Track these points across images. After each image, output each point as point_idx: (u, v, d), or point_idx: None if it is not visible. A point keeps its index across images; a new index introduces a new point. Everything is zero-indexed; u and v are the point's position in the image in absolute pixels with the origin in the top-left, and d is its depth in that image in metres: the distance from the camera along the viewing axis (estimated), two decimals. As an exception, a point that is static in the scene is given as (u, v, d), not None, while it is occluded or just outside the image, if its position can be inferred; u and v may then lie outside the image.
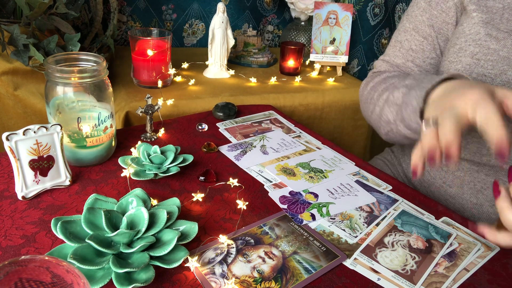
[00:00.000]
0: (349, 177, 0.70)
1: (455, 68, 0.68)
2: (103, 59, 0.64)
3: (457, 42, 0.69)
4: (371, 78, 0.83)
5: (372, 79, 0.82)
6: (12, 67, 0.86)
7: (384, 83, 0.76)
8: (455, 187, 0.74)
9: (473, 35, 0.67)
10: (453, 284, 0.50)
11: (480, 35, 0.66)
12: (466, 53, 0.67)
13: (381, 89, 0.75)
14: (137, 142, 0.71)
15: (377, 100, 0.75)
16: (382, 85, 0.76)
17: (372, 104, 0.77)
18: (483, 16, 0.66)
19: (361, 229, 0.58)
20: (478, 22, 0.66)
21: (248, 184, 0.66)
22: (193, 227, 0.53)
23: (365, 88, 0.82)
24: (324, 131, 1.16)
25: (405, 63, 0.80)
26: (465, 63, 0.67)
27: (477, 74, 0.65)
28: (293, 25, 1.40)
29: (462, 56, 0.67)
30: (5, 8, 0.91)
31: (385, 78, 0.78)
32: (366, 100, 0.81)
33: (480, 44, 0.65)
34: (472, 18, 0.68)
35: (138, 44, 0.99)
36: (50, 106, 0.63)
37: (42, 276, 0.34)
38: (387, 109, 0.71)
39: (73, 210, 0.57)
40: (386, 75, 0.79)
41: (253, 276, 0.49)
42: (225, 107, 0.88)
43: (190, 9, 1.37)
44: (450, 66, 0.69)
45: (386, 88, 0.74)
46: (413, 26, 0.78)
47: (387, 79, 0.76)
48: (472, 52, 0.66)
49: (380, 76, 0.80)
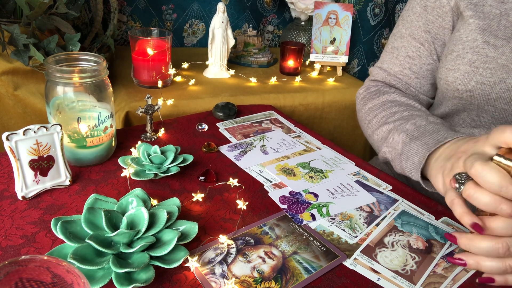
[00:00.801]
0: (349, 177, 0.70)
1: (453, 76, 0.68)
2: (103, 59, 0.64)
3: (454, 49, 0.68)
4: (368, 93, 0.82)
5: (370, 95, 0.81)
6: (12, 67, 0.86)
7: (383, 109, 0.75)
8: None
9: (470, 42, 0.66)
10: (453, 284, 0.50)
11: (477, 42, 0.65)
12: (464, 61, 0.66)
13: (381, 116, 0.75)
14: (137, 142, 0.71)
15: (376, 130, 0.74)
16: (382, 112, 0.75)
17: (370, 129, 0.77)
18: (480, 22, 0.66)
19: (361, 229, 0.58)
20: (475, 28, 0.66)
21: (248, 184, 0.66)
22: (193, 227, 0.53)
23: (363, 105, 0.81)
24: (324, 131, 1.16)
25: (402, 71, 0.80)
26: (463, 71, 0.66)
27: (476, 82, 0.65)
28: (293, 25, 1.40)
29: (460, 64, 0.67)
30: (5, 8, 0.91)
31: (384, 102, 0.77)
32: (363, 120, 0.80)
33: (478, 52, 0.64)
34: (469, 24, 0.67)
35: (138, 44, 0.99)
36: (50, 106, 0.63)
37: (42, 276, 0.34)
38: (386, 148, 0.70)
39: (73, 210, 0.57)
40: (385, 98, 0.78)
41: (253, 276, 0.49)
42: (225, 107, 0.88)
43: (190, 9, 1.37)
44: (448, 74, 0.69)
45: (385, 120, 0.73)
46: (410, 32, 0.78)
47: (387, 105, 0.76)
48: (470, 59, 0.65)
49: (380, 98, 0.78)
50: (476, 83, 0.65)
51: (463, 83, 0.66)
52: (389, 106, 0.75)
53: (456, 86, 0.68)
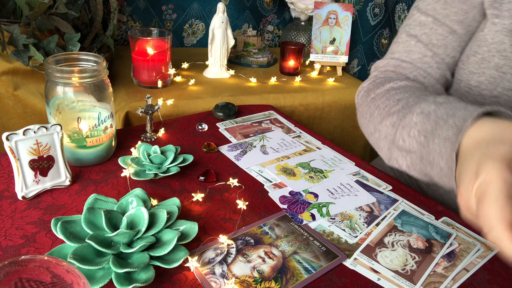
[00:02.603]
0: (349, 177, 0.70)
1: (477, 80, 0.63)
2: (103, 59, 0.64)
3: (479, 51, 0.63)
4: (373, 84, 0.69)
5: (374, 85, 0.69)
6: (12, 67, 0.86)
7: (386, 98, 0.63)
8: None
9: (497, 44, 0.61)
10: (453, 284, 0.50)
11: (505, 45, 0.60)
12: (490, 65, 0.61)
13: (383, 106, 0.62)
14: (137, 142, 0.71)
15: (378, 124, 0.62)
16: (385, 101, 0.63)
17: (371, 124, 0.64)
18: (505, 22, 0.60)
19: (361, 229, 0.58)
20: (501, 29, 0.60)
21: (248, 184, 0.66)
22: (193, 227, 0.53)
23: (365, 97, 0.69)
24: (324, 131, 1.16)
25: (422, 58, 0.68)
26: (489, 75, 0.61)
27: (503, 89, 0.60)
28: (293, 25, 1.40)
29: (485, 68, 0.62)
30: (5, 8, 0.91)
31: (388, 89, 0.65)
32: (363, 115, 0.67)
33: (506, 56, 0.59)
34: (494, 24, 0.61)
35: (138, 44, 0.99)
36: (50, 106, 0.63)
37: (42, 276, 0.34)
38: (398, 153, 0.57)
39: (73, 210, 0.57)
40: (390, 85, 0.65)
41: (253, 276, 0.49)
42: (225, 107, 0.88)
43: (190, 9, 1.37)
44: (470, 77, 0.64)
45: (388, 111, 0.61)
46: (432, 19, 0.68)
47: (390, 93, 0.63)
48: (497, 64, 0.60)
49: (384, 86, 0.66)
50: (503, 89, 0.60)
51: (488, 89, 0.62)
52: (393, 94, 0.63)
53: (480, 91, 0.63)
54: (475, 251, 0.56)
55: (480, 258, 0.55)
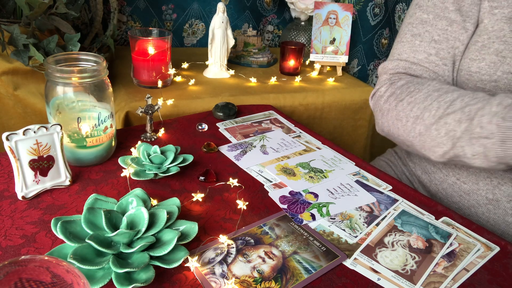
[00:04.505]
0: (349, 177, 0.70)
1: (478, 66, 0.65)
2: (103, 59, 0.64)
3: (479, 40, 0.66)
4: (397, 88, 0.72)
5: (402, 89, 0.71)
6: (12, 67, 0.86)
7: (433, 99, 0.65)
8: (470, 183, 0.72)
9: (496, 31, 0.63)
10: (453, 284, 0.50)
11: (504, 31, 0.63)
12: (490, 51, 0.64)
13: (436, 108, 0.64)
14: (137, 142, 0.71)
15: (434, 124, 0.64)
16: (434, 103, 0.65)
17: (420, 126, 0.66)
18: (505, 11, 0.63)
19: (361, 229, 0.58)
20: (500, 18, 0.63)
21: (248, 184, 0.66)
22: (193, 227, 0.53)
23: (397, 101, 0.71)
24: (324, 131, 1.16)
25: (427, 58, 0.72)
26: (489, 60, 0.64)
27: (503, 72, 0.63)
28: (293, 25, 1.40)
29: (485, 54, 0.64)
30: (5, 8, 0.91)
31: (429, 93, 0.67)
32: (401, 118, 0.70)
33: (506, 41, 0.62)
34: (493, 14, 0.64)
35: (138, 44, 0.99)
36: (50, 106, 0.63)
37: (42, 276, 0.34)
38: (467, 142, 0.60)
39: (73, 210, 0.57)
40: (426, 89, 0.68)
41: (253, 276, 0.49)
42: (225, 107, 0.88)
43: (190, 9, 1.37)
44: (471, 64, 0.66)
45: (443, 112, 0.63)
46: (433, 16, 0.72)
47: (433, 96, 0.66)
48: (497, 49, 0.63)
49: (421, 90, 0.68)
50: (502, 72, 0.63)
51: (488, 73, 0.64)
52: (438, 96, 0.65)
53: (480, 77, 0.65)
54: (475, 251, 0.56)
55: (480, 258, 0.55)
